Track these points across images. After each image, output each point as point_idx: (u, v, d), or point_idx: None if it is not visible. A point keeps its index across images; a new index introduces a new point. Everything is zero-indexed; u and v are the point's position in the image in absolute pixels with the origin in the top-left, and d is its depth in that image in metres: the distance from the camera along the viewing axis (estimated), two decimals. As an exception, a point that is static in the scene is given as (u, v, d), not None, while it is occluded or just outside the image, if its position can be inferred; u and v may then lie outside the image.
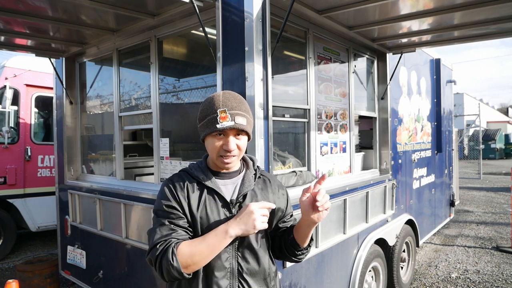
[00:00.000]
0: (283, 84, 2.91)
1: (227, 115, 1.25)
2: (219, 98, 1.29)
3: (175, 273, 1.18)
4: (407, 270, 4.36)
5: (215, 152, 1.30)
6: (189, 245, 1.22)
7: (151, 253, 1.24)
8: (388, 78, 3.91)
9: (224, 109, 1.26)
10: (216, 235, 1.22)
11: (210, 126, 1.27)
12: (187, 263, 1.19)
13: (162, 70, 3.17)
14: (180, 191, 1.31)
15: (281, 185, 1.53)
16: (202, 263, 1.23)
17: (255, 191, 1.39)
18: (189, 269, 1.20)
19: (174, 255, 1.18)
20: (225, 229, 1.22)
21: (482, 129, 18.27)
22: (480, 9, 2.61)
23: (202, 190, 1.33)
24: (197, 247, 1.21)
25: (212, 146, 1.30)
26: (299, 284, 2.57)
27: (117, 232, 3.16)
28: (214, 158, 1.33)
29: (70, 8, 2.60)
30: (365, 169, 3.86)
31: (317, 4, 2.64)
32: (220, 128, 1.25)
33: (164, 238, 1.23)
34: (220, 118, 1.25)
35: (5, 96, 5.32)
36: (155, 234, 1.26)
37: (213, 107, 1.27)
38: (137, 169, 4.35)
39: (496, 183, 13.34)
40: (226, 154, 1.29)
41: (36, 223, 5.75)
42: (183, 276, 1.20)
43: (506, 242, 6.06)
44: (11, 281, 2.35)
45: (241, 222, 1.22)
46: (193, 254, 1.20)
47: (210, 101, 1.30)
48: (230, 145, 1.28)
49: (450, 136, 6.32)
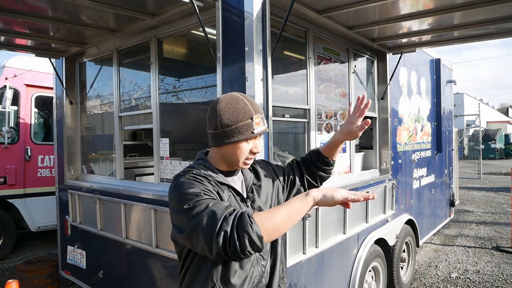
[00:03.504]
0: (283, 84, 2.91)
1: (261, 121, 1.32)
2: (246, 103, 1.32)
3: (255, 238, 1.07)
4: (407, 270, 4.36)
5: (243, 156, 1.33)
6: (265, 211, 1.20)
7: (223, 224, 1.08)
8: (388, 78, 3.91)
9: (258, 115, 1.32)
10: (296, 199, 1.22)
11: (244, 132, 1.29)
12: (266, 226, 1.11)
13: (162, 70, 3.17)
14: (209, 184, 1.26)
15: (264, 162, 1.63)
16: (282, 228, 1.16)
17: (253, 182, 1.47)
18: (268, 234, 1.11)
19: (251, 218, 1.10)
20: (307, 193, 1.23)
21: (482, 129, 18.26)
22: (480, 9, 2.61)
23: (222, 187, 1.34)
24: (276, 211, 1.16)
25: (242, 151, 1.32)
26: (299, 284, 2.57)
27: (117, 232, 3.16)
28: (239, 162, 1.34)
29: (70, 8, 2.60)
30: (365, 169, 3.86)
31: (317, 4, 2.64)
32: (257, 133, 1.31)
33: (229, 209, 1.13)
34: (255, 124, 1.30)
35: (5, 96, 5.32)
36: (216, 211, 1.11)
37: (246, 113, 1.30)
38: (137, 169, 4.35)
39: (496, 183, 13.34)
40: (251, 157, 1.36)
41: (36, 223, 5.75)
42: (262, 243, 1.10)
43: (506, 242, 6.06)
44: (11, 281, 2.35)
45: (323, 191, 1.24)
46: (273, 217, 1.14)
47: (237, 107, 1.30)
48: (260, 147, 1.37)
49: (450, 136, 6.32)
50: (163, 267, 2.78)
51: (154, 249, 2.76)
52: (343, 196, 1.22)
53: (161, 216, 2.72)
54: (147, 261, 2.91)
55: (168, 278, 2.74)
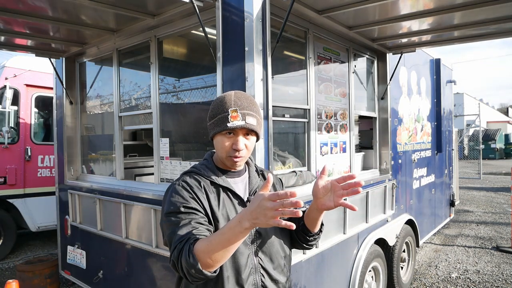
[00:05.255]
0: (283, 84, 2.91)
1: (238, 115, 1.26)
2: (230, 97, 1.30)
3: (194, 271, 1.08)
4: (407, 270, 4.36)
5: (224, 151, 1.31)
6: (206, 240, 1.12)
7: (174, 252, 1.14)
8: (388, 78, 3.91)
9: (235, 108, 1.26)
10: (230, 228, 1.08)
11: (220, 125, 1.27)
12: (205, 259, 1.08)
13: (162, 70, 3.17)
14: (198, 191, 1.28)
15: (277, 178, 1.58)
16: (221, 259, 1.10)
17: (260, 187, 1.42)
18: (209, 266, 1.10)
19: (190, 253, 1.09)
20: (239, 220, 1.07)
21: (482, 129, 18.26)
22: (480, 9, 2.61)
23: (218, 189, 1.33)
24: (214, 241, 1.09)
25: (221, 145, 1.30)
26: (299, 284, 2.57)
27: (117, 232, 3.16)
28: (224, 157, 1.33)
29: (70, 8, 2.60)
30: (365, 169, 3.86)
31: (317, 4, 2.64)
32: (231, 127, 1.25)
33: (183, 237, 1.15)
34: (231, 117, 1.25)
35: (5, 96, 5.32)
36: (175, 236, 1.17)
37: (225, 106, 1.28)
38: (137, 169, 4.35)
39: (496, 183, 13.34)
40: (235, 154, 1.30)
41: (36, 223, 5.74)
42: (204, 274, 1.09)
43: (506, 242, 6.06)
44: (11, 281, 2.35)
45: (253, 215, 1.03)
46: (210, 249, 1.08)
47: (222, 100, 1.31)
48: (239, 144, 1.28)
49: (450, 136, 6.32)
50: (163, 267, 2.78)
51: (154, 249, 2.76)
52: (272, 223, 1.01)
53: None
54: (147, 261, 2.91)
55: (168, 278, 2.74)
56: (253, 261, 1.30)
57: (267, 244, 1.35)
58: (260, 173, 1.48)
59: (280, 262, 1.38)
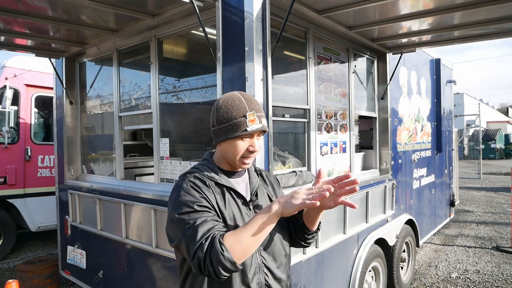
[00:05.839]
0: (283, 84, 2.91)
1: (255, 118, 1.29)
2: (242, 100, 1.31)
3: (228, 264, 1.10)
4: (407, 270, 4.36)
5: (239, 154, 1.32)
6: (234, 233, 1.16)
7: (198, 251, 1.13)
8: (388, 78, 3.91)
9: (252, 112, 1.30)
10: (261, 217, 1.17)
11: (237, 130, 1.28)
12: (236, 251, 1.12)
13: (162, 70, 3.17)
14: (207, 190, 1.29)
15: (275, 178, 1.61)
16: (252, 248, 1.16)
17: (260, 187, 1.45)
18: (240, 257, 1.14)
19: (222, 245, 1.12)
20: (269, 207, 1.18)
21: (482, 129, 18.27)
22: (480, 9, 2.61)
23: (222, 189, 1.33)
24: (244, 233, 1.15)
25: (236, 149, 1.31)
26: (299, 284, 2.57)
27: (117, 232, 3.16)
28: (235, 160, 1.33)
29: (70, 8, 2.60)
30: (365, 169, 3.86)
31: (317, 4, 2.64)
32: (251, 130, 1.28)
33: (207, 233, 1.16)
34: (249, 121, 1.28)
35: (5, 96, 5.32)
36: (195, 234, 1.16)
37: (240, 110, 1.29)
38: (137, 169, 4.35)
39: (496, 183, 13.34)
40: (249, 155, 1.33)
41: (36, 223, 5.75)
42: (236, 267, 1.13)
43: (506, 242, 6.06)
44: (11, 281, 2.35)
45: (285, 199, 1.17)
46: (241, 239, 1.14)
47: (233, 104, 1.31)
48: (256, 145, 1.32)
49: (450, 136, 6.32)
50: (163, 267, 2.78)
51: (154, 249, 2.76)
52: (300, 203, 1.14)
53: (161, 216, 2.72)
54: (147, 261, 2.91)
55: (168, 278, 2.74)
56: (257, 260, 1.32)
57: (269, 243, 1.36)
58: (259, 173, 1.51)
59: (282, 260, 1.40)
